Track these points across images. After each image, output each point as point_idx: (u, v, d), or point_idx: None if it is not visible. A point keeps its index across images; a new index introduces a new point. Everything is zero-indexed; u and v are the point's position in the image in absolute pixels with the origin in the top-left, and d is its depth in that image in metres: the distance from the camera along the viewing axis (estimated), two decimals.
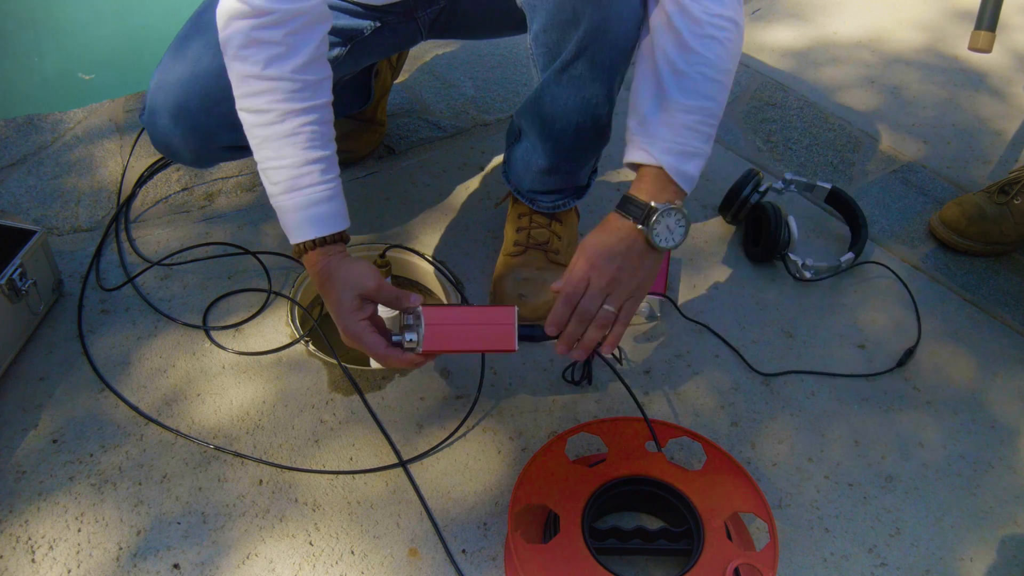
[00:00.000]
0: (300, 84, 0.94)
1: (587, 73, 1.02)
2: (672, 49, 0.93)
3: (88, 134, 1.55)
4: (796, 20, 2.04)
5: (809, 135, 1.67)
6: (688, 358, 1.23)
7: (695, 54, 0.93)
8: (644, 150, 0.95)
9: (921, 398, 1.20)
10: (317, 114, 0.96)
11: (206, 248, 1.34)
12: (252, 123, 0.96)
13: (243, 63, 0.93)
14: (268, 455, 1.07)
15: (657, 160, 0.94)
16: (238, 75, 0.94)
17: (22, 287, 1.13)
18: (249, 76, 0.93)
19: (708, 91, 0.94)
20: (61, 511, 1.01)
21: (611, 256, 0.95)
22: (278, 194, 0.98)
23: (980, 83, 1.86)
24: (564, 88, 1.05)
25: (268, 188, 0.99)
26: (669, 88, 0.94)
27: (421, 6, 1.20)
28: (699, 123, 0.94)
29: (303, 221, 0.98)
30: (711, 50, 0.93)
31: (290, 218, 0.98)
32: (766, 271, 1.37)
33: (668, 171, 0.94)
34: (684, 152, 0.95)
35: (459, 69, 1.77)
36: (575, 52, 1.00)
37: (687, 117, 0.94)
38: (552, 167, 1.17)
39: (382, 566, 0.98)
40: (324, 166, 0.97)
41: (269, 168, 0.97)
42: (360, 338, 0.96)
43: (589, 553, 0.91)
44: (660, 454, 1.01)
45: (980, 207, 1.41)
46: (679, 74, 0.93)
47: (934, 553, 1.03)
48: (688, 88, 0.93)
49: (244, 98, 0.96)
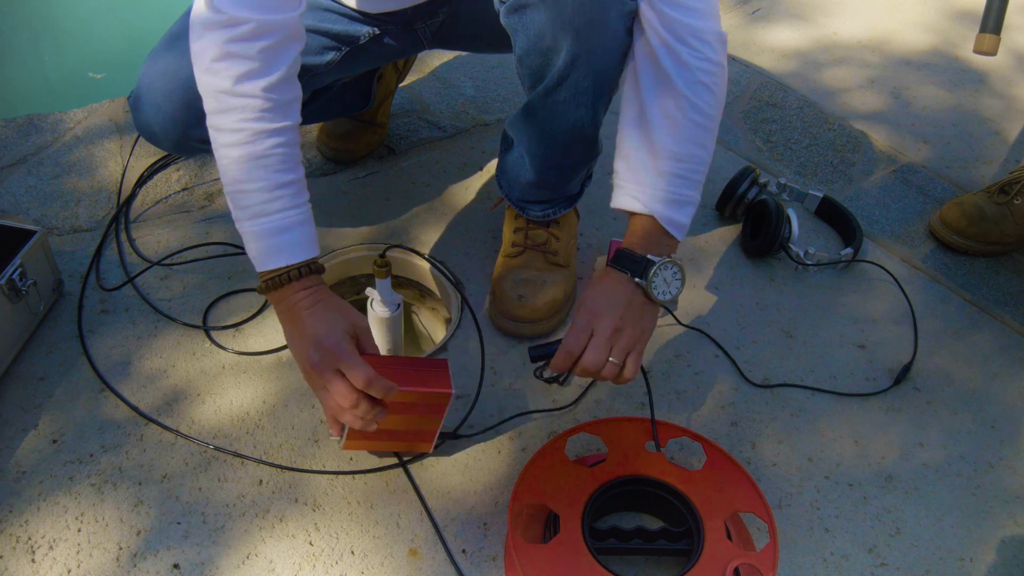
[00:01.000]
0: (271, 103, 0.90)
1: (571, 99, 1.01)
2: (662, 94, 0.92)
3: (88, 134, 1.55)
4: (796, 20, 2.04)
5: (809, 135, 1.67)
6: (688, 358, 1.23)
7: (686, 100, 0.91)
8: (635, 198, 0.95)
9: (921, 398, 1.20)
10: (287, 136, 0.93)
11: (206, 248, 1.34)
12: (221, 143, 0.92)
13: (215, 77, 0.89)
14: (268, 455, 1.07)
15: (648, 209, 0.94)
16: (208, 89, 0.91)
17: (22, 287, 1.13)
18: (220, 91, 0.90)
19: (699, 139, 0.93)
20: (61, 511, 1.01)
21: (613, 307, 0.93)
22: (245, 219, 0.93)
23: (980, 83, 1.86)
24: (549, 112, 1.04)
25: (235, 213, 0.94)
26: (659, 134, 0.92)
27: (420, 17, 1.19)
28: (690, 171, 0.94)
29: (273, 248, 0.93)
30: (702, 97, 0.92)
31: (259, 245, 0.93)
32: (766, 271, 1.37)
33: (659, 220, 0.94)
34: (675, 201, 0.94)
35: (459, 69, 1.77)
36: (557, 79, 0.99)
37: (678, 165, 0.93)
38: (540, 181, 1.17)
39: (382, 566, 0.98)
40: (294, 190, 0.94)
41: (236, 192, 0.93)
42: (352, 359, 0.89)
43: (589, 553, 0.91)
44: (660, 454, 1.01)
45: (980, 207, 1.41)
46: (670, 120, 0.92)
47: (934, 553, 1.03)
48: (680, 135, 0.92)
49: (213, 114, 0.92)
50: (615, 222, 1.41)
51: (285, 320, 0.96)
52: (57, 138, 1.54)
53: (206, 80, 0.91)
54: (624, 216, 0.98)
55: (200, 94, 0.93)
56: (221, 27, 0.88)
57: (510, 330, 1.23)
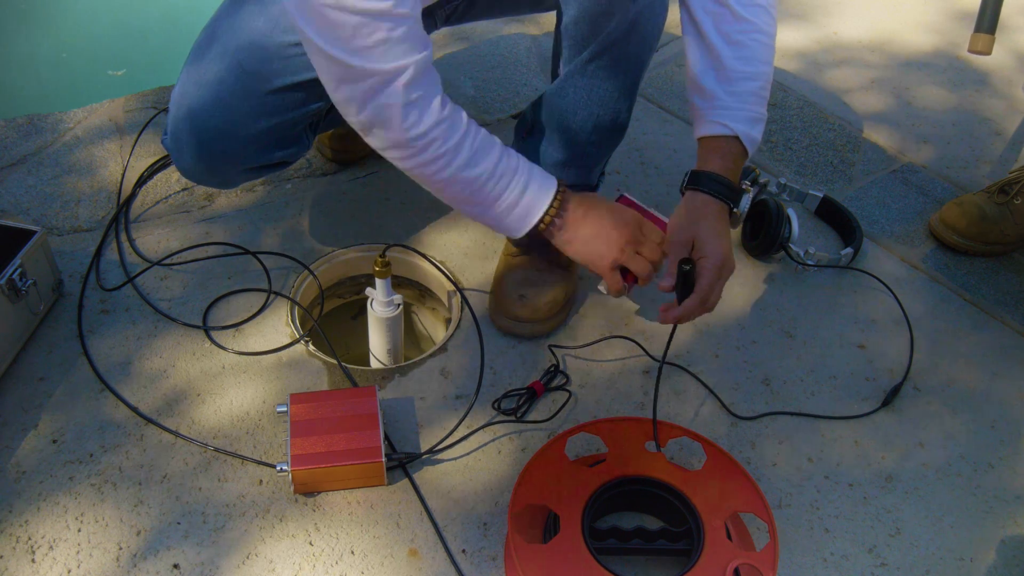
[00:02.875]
0: (450, 116, 0.95)
1: (612, 66, 1.04)
2: (724, 22, 0.99)
3: (88, 134, 1.55)
4: (797, 20, 2.04)
5: (809, 135, 1.67)
6: (688, 358, 1.22)
7: (748, 23, 0.99)
8: (719, 122, 1.01)
9: (921, 398, 1.20)
10: (471, 123, 0.98)
11: (206, 248, 1.34)
12: (430, 173, 0.98)
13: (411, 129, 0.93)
14: (268, 455, 1.07)
15: (733, 131, 1.01)
16: (401, 142, 0.95)
17: (22, 287, 1.13)
18: (415, 138, 0.94)
19: (764, 56, 1.01)
20: (61, 511, 1.01)
21: (719, 240, 1.01)
22: (486, 210, 1.02)
23: (981, 83, 1.86)
24: (589, 79, 1.06)
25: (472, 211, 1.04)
26: (728, 59, 1.00)
27: (441, 5, 1.20)
28: (761, 88, 1.01)
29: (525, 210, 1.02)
30: (760, 18, 1.00)
31: (513, 216, 1.03)
32: (766, 270, 1.37)
33: (743, 139, 1.01)
34: (753, 119, 1.02)
35: (459, 69, 1.77)
36: (604, 45, 1.01)
37: (751, 84, 1.01)
38: (568, 160, 1.17)
39: (382, 566, 0.98)
40: (504, 155, 1.00)
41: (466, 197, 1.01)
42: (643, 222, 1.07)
43: (589, 553, 0.91)
44: (660, 454, 1.02)
45: (980, 207, 1.41)
46: (737, 45, 0.99)
47: (934, 553, 1.03)
48: (747, 56, 1.00)
49: (412, 158, 0.96)
50: None
51: (574, 232, 1.05)
52: (57, 138, 1.54)
53: (401, 137, 0.94)
54: None
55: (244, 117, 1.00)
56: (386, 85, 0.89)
57: (510, 330, 1.23)
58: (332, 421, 1.03)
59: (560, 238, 1.07)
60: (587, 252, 1.06)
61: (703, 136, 1.04)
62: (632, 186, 1.50)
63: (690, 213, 1.03)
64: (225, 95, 1.06)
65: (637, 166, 1.54)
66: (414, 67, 0.89)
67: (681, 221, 1.04)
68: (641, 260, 1.06)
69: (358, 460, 1.00)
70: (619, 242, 1.05)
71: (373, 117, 0.93)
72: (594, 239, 1.05)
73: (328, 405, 1.05)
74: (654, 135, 1.63)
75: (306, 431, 1.02)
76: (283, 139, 1.14)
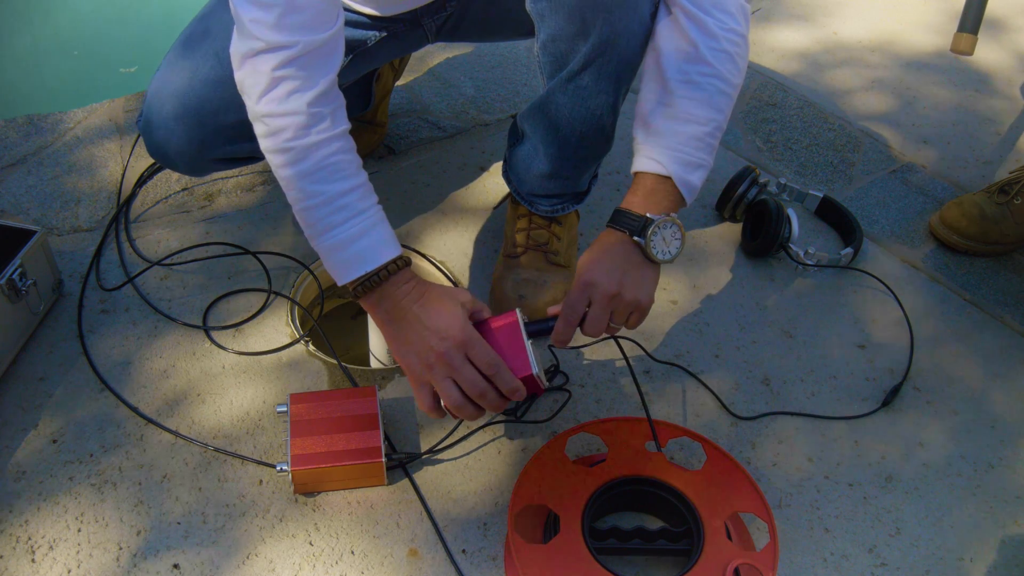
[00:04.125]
0: (314, 117, 0.89)
1: (593, 85, 1.02)
2: (686, 61, 0.93)
3: (88, 134, 1.55)
4: (797, 20, 2.04)
5: (809, 135, 1.67)
6: (688, 358, 1.23)
7: (709, 67, 0.93)
8: (654, 159, 0.94)
9: (921, 398, 1.20)
10: (336, 144, 0.91)
11: (206, 248, 1.34)
12: (276, 164, 0.92)
13: (265, 104, 0.89)
14: (268, 455, 1.07)
15: (667, 170, 0.94)
16: (258, 115, 0.90)
17: (22, 287, 1.13)
18: (267, 115, 0.89)
19: (719, 104, 0.94)
20: (61, 511, 1.01)
21: (609, 271, 0.93)
22: (316, 236, 0.92)
23: (981, 83, 1.86)
24: (570, 97, 1.04)
25: (306, 233, 0.93)
26: (680, 99, 0.93)
27: (428, 13, 1.19)
28: (708, 135, 0.95)
29: (352, 258, 0.91)
30: (724, 65, 0.93)
31: (336, 258, 0.92)
32: (765, 270, 1.37)
33: (676, 181, 0.94)
34: (691, 163, 0.94)
35: (459, 69, 1.77)
36: (582, 64, 0.99)
37: (697, 128, 0.94)
38: (554, 172, 1.17)
39: (382, 566, 0.98)
40: (358, 195, 0.92)
41: (301, 211, 0.92)
42: (477, 344, 0.90)
43: (589, 553, 0.91)
44: (660, 454, 1.01)
45: (980, 207, 1.41)
46: (692, 85, 0.93)
47: (934, 553, 1.03)
48: (700, 99, 0.93)
49: (264, 139, 0.91)
50: None
51: (390, 319, 0.93)
52: (57, 138, 1.54)
53: (256, 108, 0.90)
54: None
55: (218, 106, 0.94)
56: (264, 53, 0.87)
57: None
58: (332, 421, 1.03)
59: (379, 318, 0.95)
60: (398, 353, 0.94)
61: (636, 171, 0.97)
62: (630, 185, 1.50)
63: (590, 247, 0.97)
64: (197, 85, 1.07)
65: None
66: (301, 46, 0.86)
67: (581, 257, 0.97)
68: (450, 388, 0.90)
69: (358, 460, 1.00)
70: (427, 358, 0.90)
71: (243, 78, 0.90)
72: (405, 342, 0.92)
73: (328, 405, 1.05)
74: None
75: (306, 431, 1.02)
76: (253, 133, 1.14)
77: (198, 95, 1.07)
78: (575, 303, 0.94)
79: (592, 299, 0.93)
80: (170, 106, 1.09)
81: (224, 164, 1.18)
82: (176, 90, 1.08)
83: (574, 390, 1.17)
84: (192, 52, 1.10)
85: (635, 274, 0.94)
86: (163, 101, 1.09)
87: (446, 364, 0.90)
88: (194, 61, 1.09)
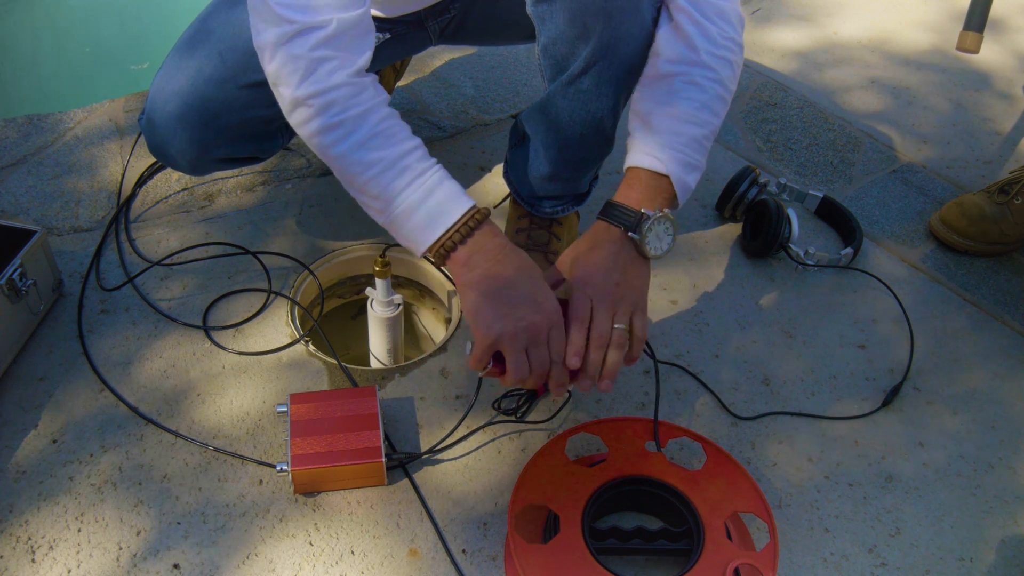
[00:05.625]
0: (359, 87, 0.88)
1: (594, 88, 1.02)
2: (689, 64, 0.94)
3: (88, 134, 1.55)
4: (797, 20, 2.04)
5: (809, 135, 1.67)
6: (688, 357, 1.23)
7: (712, 71, 0.94)
8: (654, 156, 0.94)
9: (921, 398, 1.20)
10: (384, 110, 0.90)
11: (206, 248, 1.34)
12: (328, 144, 0.89)
13: (308, 85, 0.87)
14: (268, 455, 1.07)
15: (666, 169, 0.93)
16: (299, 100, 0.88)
17: (22, 287, 1.13)
18: (312, 96, 0.87)
19: (717, 108, 0.95)
20: (61, 511, 1.01)
21: (607, 273, 0.91)
22: (385, 209, 0.90)
23: (981, 83, 1.86)
24: (570, 101, 1.04)
25: (374, 210, 0.92)
26: (683, 100, 0.94)
27: (432, 15, 1.19)
28: (704, 138, 0.95)
29: (426, 218, 0.88)
30: (725, 71, 0.95)
31: (411, 224, 0.89)
32: (765, 270, 1.37)
33: (673, 180, 0.94)
34: (689, 164, 0.95)
35: (459, 69, 1.77)
36: (583, 67, 0.99)
37: (697, 130, 0.94)
38: (554, 174, 1.17)
39: (382, 566, 0.98)
40: (419, 155, 0.90)
41: (364, 185, 0.90)
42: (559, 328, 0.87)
43: (589, 553, 0.91)
44: (660, 454, 1.01)
45: (980, 207, 1.41)
46: (695, 87, 0.94)
47: (934, 553, 1.03)
48: (702, 102, 0.94)
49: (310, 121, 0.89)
50: None
51: (485, 276, 0.88)
52: (57, 138, 1.54)
53: (297, 94, 0.88)
54: None
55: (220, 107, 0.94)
56: (298, 37, 0.86)
57: None
58: (332, 421, 1.03)
59: (469, 278, 0.89)
60: (474, 312, 0.88)
61: (632, 166, 0.95)
62: None
63: (575, 246, 0.94)
64: (200, 84, 1.07)
65: None
66: (336, 24, 0.86)
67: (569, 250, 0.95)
68: (523, 360, 0.87)
69: (358, 460, 1.00)
70: (516, 324, 0.86)
71: (279, 67, 0.88)
72: (495, 302, 0.87)
73: (328, 405, 1.05)
74: None
75: (306, 431, 1.02)
76: (256, 134, 1.15)
77: (201, 95, 1.07)
78: (580, 308, 0.90)
79: (593, 302, 0.90)
80: (172, 105, 1.09)
81: (226, 164, 1.18)
82: (179, 89, 1.08)
83: (574, 390, 1.17)
84: (195, 52, 1.10)
85: (631, 271, 0.93)
86: (166, 100, 1.09)
87: (531, 337, 0.87)
88: (197, 61, 1.09)
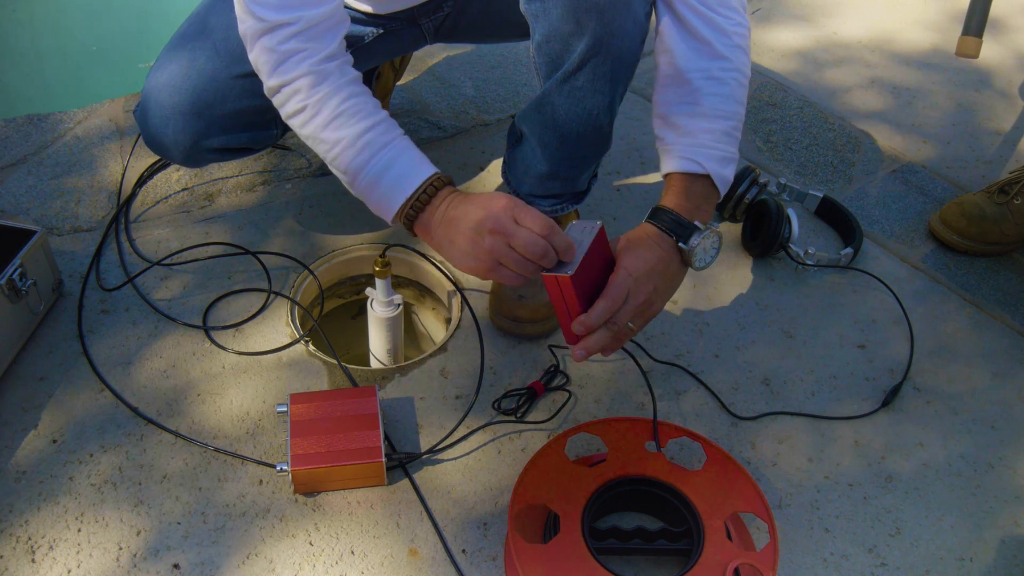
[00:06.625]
0: (321, 73, 0.93)
1: (589, 85, 1.02)
2: (705, 58, 0.96)
3: (88, 134, 1.55)
4: (797, 20, 2.04)
5: (809, 135, 1.67)
6: (688, 358, 1.23)
7: (728, 61, 0.96)
8: (691, 159, 0.96)
9: (921, 398, 1.20)
10: (348, 89, 0.94)
11: (206, 248, 1.34)
12: (298, 126, 0.97)
13: (278, 76, 0.94)
14: (268, 455, 1.07)
15: (706, 169, 0.95)
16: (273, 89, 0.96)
17: (22, 287, 1.13)
18: (281, 85, 0.94)
19: (740, 97, 0.98)
20: (61, 511, 1.01)
21: (651, 275, 0.92)
22: (353, 182, 0.95)
23: (981, 83, 1.86)
24: (566, 98, 1.04)
25: (345, 182, 0.97)
26: (706, 96, 0.96)
27: (425, 13, 1.19)
28: (734, 129, 0.97)
29: (387, 189, 0.93)
30: (740, 58, 0.97)
31: (377, 194, 0.94)
32: (766, 270, 1.37)
33: (714, 177, 0.96)
34: (725, 158, 0.97)
35: (459, 69, 1.77)
36: (578, 64, 0.99)
37: (725, 123, 0.96)
38: (552, 173, 1.17)
39: (382, 566, 0.98)
40: (380, 130, 0.94)
41: (332, 161, 0.96)
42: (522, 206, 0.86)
43: (589, 553, 0.91)
44: (660, 454, 1.02)
45: (980, 207, 1.41)
46: (716, 81, 0.96)
47: (934, 553, 1.03)
48: (725, 95, 0.96)
49: (281, 107, 0.97)
50: (615, 222, 1.41)
51: (440, 232, 0.91)
52: (57, 138, 1.54)
53: (270, 83, 0.96)
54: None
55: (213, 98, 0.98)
56: (268, 33, 0.92)
57: (510, 330, 1.23)
58: (332, 421, 1.03)
59: (435, 242, 0.93)
60: (454, 261, 0.92)
61: (671, 172, 0.97)
62: (631, 186, 1.50)
63: (627, 239, 0.95)
64: (194, 75, 1.09)
65: (637, 166, 1.54)
66: (303, 21, 0.92)
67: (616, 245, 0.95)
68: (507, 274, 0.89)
69: (358, 460, 1.00)
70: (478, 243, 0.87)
71: (256, 57, 0.95)
72: (455, 246, 0.90)
73: (328, 405, 1.05)
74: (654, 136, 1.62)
75: (306, 431, 1.02)
76: (249, 124, 1.16)
77: (194, 86, 1.09)
78: (617, 297, 0.89)
79: (629, 295, 0.91)
80: (166, 95, 1.10)
81: (220, 154, 1.19)
82: (173, 80, 1.10)
83: (574, 390, 1.17)
84: (189, 43, 1.12)
85: (669, 281, 0.96)
86: (160, 91, 1.11)
87: (500, 234, 0.86)
88: (191, 53, 1.10)
